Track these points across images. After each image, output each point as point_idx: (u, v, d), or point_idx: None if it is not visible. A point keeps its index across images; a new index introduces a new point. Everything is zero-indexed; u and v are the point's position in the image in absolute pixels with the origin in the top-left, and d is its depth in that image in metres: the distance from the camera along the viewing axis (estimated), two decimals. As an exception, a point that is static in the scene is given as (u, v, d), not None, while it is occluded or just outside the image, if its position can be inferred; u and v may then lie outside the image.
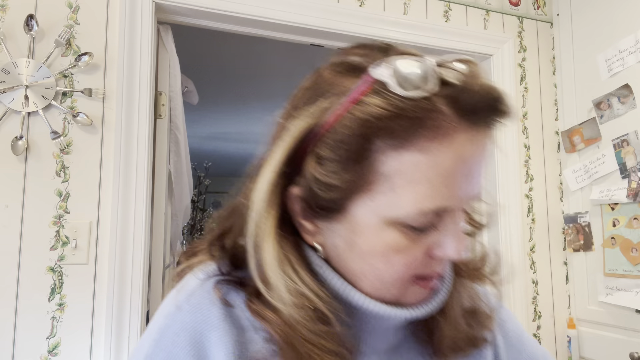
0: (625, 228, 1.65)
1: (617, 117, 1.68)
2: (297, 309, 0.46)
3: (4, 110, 1.27)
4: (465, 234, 0.48)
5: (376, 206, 0.44)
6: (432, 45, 1.77)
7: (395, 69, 0.42)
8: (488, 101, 0.43)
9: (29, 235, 1.27)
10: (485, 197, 0.54)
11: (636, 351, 1.58)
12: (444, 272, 0.52)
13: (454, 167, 0.43)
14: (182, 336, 0.47)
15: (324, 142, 0.44)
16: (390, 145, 0.42)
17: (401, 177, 0.43)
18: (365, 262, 0.47)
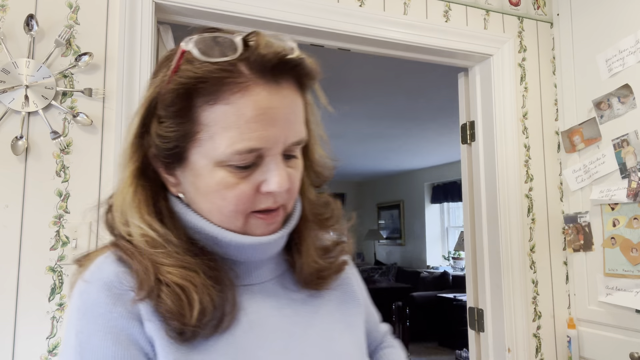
0: (625, 228, 1.65)
1: (617, 117, 1.68)
2: (140, 237, 0.58)
3: (4, 110, 1.27)
4: (287, 174, 0.58)
5: (205, 151, 0.56)
6: (432, 45, 1.77)
7: (198, 41, 0.55)
8: (274, 60, 0.55)
9: (29, 235, 1.27)
10: (323, 153, 0.70)
11: (636, 351, 1.58)
12: (284, 209, 0.62)
13: (255, 114, 0.55)
14: (102, 295, 0.55)
15: (161, 105, 0.57)
16: (206, 101, 0.55)
17: (216, 126, 0.55)
18: (208, 200, 0.58)
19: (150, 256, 0.57)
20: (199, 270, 0.57)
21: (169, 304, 0.54)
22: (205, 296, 0.55)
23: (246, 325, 0.60)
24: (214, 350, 0.56)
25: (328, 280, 0.69)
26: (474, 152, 1.96)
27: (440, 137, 5.61)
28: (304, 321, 0.65)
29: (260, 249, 0.61)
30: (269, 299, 0.64)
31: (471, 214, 1.95)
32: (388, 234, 8.83)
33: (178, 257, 0.57)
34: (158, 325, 0.54)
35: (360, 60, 3.12)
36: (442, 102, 4.10)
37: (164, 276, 0.55)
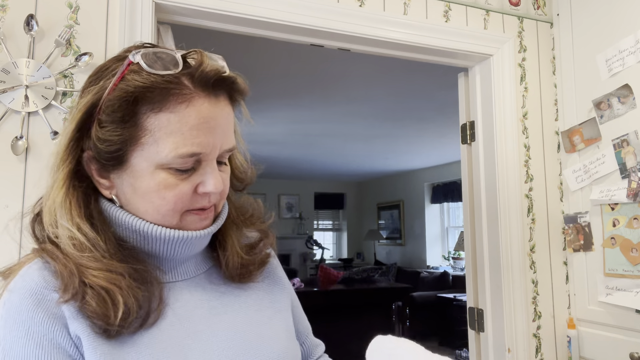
0: (625, 228, 1.65)
1: (617, 117, 1.68)
2: (67, 239, 0.60)
3: (4, 110, 1.27)
4: (221, 177, 0.64)
5: (147, 155, 0.61)
6: (432, 45, 1.77)
7: (147, 54, 0.61)
8: (213, 77, 0.62)
9: (29, 235, 1.27)
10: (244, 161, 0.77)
11: (636, 351, 1.58)
12: (215, 209, 0.68)
13: (197, 122, 0.61)
14: (24, 303, 0.58)
15: (103, 111, 0.61)
16: (150, 108, 0.60)
17: (160, 131, 0.60)
18: (145, 200, 0.63)
19: (75, 260, 0.60)
20: (125, 273, 0.60)
21: (93, 305, 0.57)
22: (129, 298, 0.59)
23: (173, 319, 0.64)
24: (140, 343, 0.60)
25: (254, 272, 0.75)
26: (474, 152, 1.96)
27: (440, 137, 5.61)
28: (231, 310, 0.70)
29: (190, 244, 0.66)
30: (196, 293, 0.69)
31: (471, 214, 1.95)
32: (388, 234, 8.83)
33: (104, 261, 0.60)
34: (84, 323, 0.57)
35: (360, 60, 3.12)
36: (442, 102, 4.10)
37: (89, 279, 0.58)
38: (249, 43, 2.16)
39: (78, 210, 0.63)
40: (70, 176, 0.64)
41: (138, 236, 0.64)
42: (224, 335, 0.66)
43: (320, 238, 9.57)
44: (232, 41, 1.94)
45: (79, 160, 0.64)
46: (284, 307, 0.78)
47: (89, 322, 0.57)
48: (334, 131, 5.38)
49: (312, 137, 5.68)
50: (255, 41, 1.77)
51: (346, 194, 9.99)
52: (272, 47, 2.83)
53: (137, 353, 0.59)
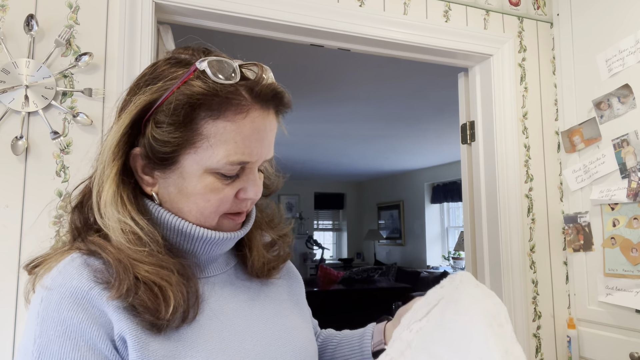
0: (625, 228, 1.65)
1: (617, 117, 1.68)
2: (122, 234, 0.61)
3: (4, 110, 1.27)
4: (260, 185, 0.69)
5: (199, 158, 0.63)
6: (432, 45, 1.77)
7: (213, 63, 0.63)
8: (271, 93, 0.66)
9: (29, 235, 1.27)
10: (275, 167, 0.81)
11: (636, 351, 1.58)
12: (249, 212, 0.73)
13: (250, 133, 0.64)
14: (65, 302, 0.57)
15: (161, 111, 0.63)
16: (209, 115, 0.62)
17: (216, 138, 0.63)
18: (190, 201, 0.65)
19: (129, 254, 0.61)
20: (175, 269, 0.62)
21: (145, 300, 0.58)
22: (178, 294, 0.61)
23: (210, 313, 0.66)
24: (185, 339, 0.61)
25: (274, 271, 0.79)
26: (474, 152, 1.96)
27: (440, 137, 5.61)
28: (258, 304, 0.74)
29: (225, 244, 0.70)
30: (226, 288, 0.72)
31: (471, 214, 1.95)
32: (388, 234, 8.83)
33: (159, 256, 0.62)
34: (132, 321, 0.58)
35: (361, 60, 3.12)
36: (442, 102, 4.10)
37: (140, 274, 0.60)
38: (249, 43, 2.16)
39: (131, 205, 0.64)
40: (122, 171, 0.65)
41: (179, 236, 0.67)
42: (255, 327, 0.70)
43: (320, 238, 9.57)
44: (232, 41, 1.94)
45: (127, 155, 0.66)
46: (301, 299, 0.84)
47: (139, 318, 0.58)
48: (334, 131, 5.38)
49: (312, 137, 5.68)
50: (255, 41, 1.77)
51: (346, 194, 9.99)
52: (272, 47, 2.83)
53: (183, 347, 0.60)
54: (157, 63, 0.69)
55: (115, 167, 0.64)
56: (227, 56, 0.68)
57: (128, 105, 0.66)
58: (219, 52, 0.69)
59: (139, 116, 0.64)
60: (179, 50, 0.70)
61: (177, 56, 0.68)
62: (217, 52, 0.69)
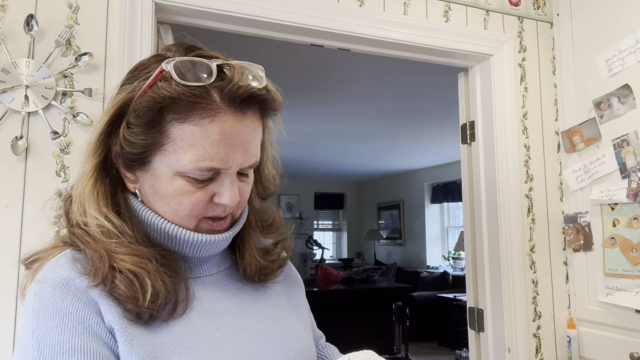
0: (625, 228, 1.65)
1: (617, 117, 1.68)
2: (96, 227, 0.62)
3: (4, 110, 1.27)
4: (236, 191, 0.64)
5: (168, 161, 0.62)
6: (432, 45, 1.77)
7: (178, 64, 0.60)
8: (244, 94, 0.61)
9: (29, 235, 1.27)
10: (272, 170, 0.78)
11: (636, 351, 1.58)
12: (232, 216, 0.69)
13: (220, 138, 0.61)
14: (57, 293, 0.58)
15: (132, 112, 0.62)
16: (175, 118, 0.60)
17: (182, 142, 0.61)
18: (165, 202, 0.64)
19: (104, 245, 0.61)
20: (152, 258, 0.62)
21: (122, 288, 0.59)
22: (157, 281, 0.60)
23: (201, 311, 0.66)
24: (174, 333, 0.61)
25: (270, 276, 0.77)
26: (474, 152, 1.96)
27: (440, 137, 5.61)
28: (253, 305, 0.72)
29: (208, 247, 0.68)
30: (219, 288, 0.71)
31: (471, 214, 1.95)
32: (388, 234, 8.83)
33: (132, 246, 0.62)
34: (116, 311, 0.58)
35: (361, 60, 3.12)
36: (442, 102, 4.10)
37: (117, 264, 0.60)
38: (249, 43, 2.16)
39: (105, 200, 0.64)
40: (99, 168, 0.65)
41: (159, 234, 0.66)
42: (247, 330, 0.68)
43: (320, 238, 9.57)
44: (231, 41, 1.94)
45: (108, 153, 0.66)
46: (300, 304, 0.82)
47: (121, 308, 0.59)
48: (334, 131, 5.38)
49: (312, 137, 5.68)
50: (255, 41, 1.77)
51: (346, 194, 9.99)
52: (272, 47, 2.83)
53: (172, 344, 0.60)
54: (144, 60, 0.68)
55: (91, 163, 0.65)
56: (221, 55, 0.66)
57: (110, 104, 0.67)
58: (205, 51, 0.66)
59: (116, 115, 0.64)
60: (166, 47, 0.69)
61: (160, 54, 0.67)
62: (203, 50, 0.66)
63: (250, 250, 0.75)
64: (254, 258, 0.75)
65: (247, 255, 0.74)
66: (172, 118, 0.61)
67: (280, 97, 0.68)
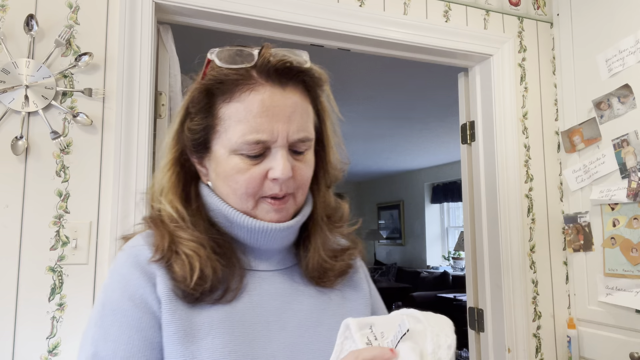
0: (625, 228, 1.65)
1: (617, 117, 1.68)
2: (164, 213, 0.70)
3: (4, 110, 1.27)
4: (288, 165, 0.66)
5: (222, 141, 0.67)
6: (432, 45, 1.77)
7: (221, 52, 0.68)
8: (280, 68, 0.67)
9: (29, 235, 1.27)
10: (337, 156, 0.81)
11: (636, 351, 1.58)
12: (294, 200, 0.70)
13: (260, 110, 0.65)
14: (128, 261, 0.67)
15: (191, 103, 0.70)
16: (223, 99, 0.67)
17: (230, 120, 0.66)
18: (225, 183, 0.68)
19: (169, 228, 0.68)
20: (207, 245, 0.67)
21: (175, 268, 0.64)
22: (207, 267, 0.64)
23: (248, 303, 0.68)
24: (214, 317, 0.64)
25: (332, 279, 0.75)
26: (474, 152, 1.96)
27: (440, 137, 5.61)
28: (305, 310, 0.71)
29: (268, 235, 0.69)
30: (274, 286, 0.71)
31: (471, 214, 1.95)
32: (388, 234, 8.82)
33: (189, 231, 0.67)
34: (169, 286, 0.64)
35: (360, 60, 3.12)
36: (442, 102, 4.10)
37: (177, 247, 0.66)
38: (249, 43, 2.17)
39: (174, 191, 0.71)
40: (174, 163, 0.72)
41: (223, 219, 0.70)
42: (291, 332, 0.68)
43: (320, 238, 9.54)
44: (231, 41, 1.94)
45: (183, 150, 0.72)
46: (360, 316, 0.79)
47: (172, 284, 0.64)
48: (334, 131, 5.37)
49: (312, 137, 5.67)
50: (254, 41, 1.77)
51: (346, 194, 9.98)
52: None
53: (210, 326, 0.63)
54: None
55: (167, 158, 0.73)
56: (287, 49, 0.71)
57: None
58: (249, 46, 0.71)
59: (185, 112, 0.71)
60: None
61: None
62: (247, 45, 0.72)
63: (316, 246, 0.75)
64: (318, 255, 0.74)
65: (311, 250, 0.74)
66: (220, 100, 0.67)
67: (323, 74, 0.72)
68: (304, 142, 0.68)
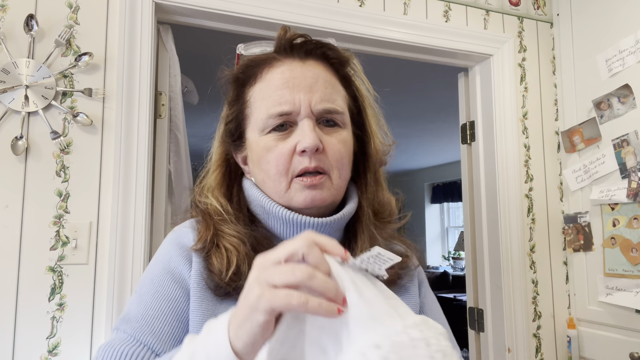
0: (625, 228, 1.65)
1: (617, 117, 1.68)
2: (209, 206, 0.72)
3: (4, 110, 1.27)
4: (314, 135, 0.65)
5: (253, 125, 0.69)
6: (432, 45, 1.77)
7: (248, 44, 0.73)
8: (290, 41, 0.70)
9: (29, 235, 1.27)
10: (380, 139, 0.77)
11: (636, 351, 1.58)
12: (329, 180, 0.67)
13: (280, 83, 0.67)
14: (174, 241, 0.71)
15: (227, 98, 0.74)
16: (250, 83, 0.71)
17: (256, 101, 0.69)
18: (259, 168, 0.69)
19: (213, 221, 0.70)
20: (247, 241, 0.68)
21: (214, 261, 0.66)
22: (244, 264, 0.65)
23: None
24: None
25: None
26: (474, 152, 1.96)
27: (440, 137, 5.61)
28: None
29: (304, 228, 0.68)
30: None
31: (471, 214, 1.95)
32: (388, 234, 8.80)
33: (232, 226, 0.69)
34: (202, 273, 0.66)
35: (360, 60, 3.12)
36: (442, 102, 4.10)
37: (218, 239, 0.68)
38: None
39: (219, 188, 0.74)
40: (220, 163, 0.76)
41: (261, 211, 0.71)
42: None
43: (320, 238, 9.54)
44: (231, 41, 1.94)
45: (229, 150, 0.75)
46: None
47: (207, 274, 0.66)
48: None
49: (312, 137, 5.67)
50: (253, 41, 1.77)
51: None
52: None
53: None
54: None
55: (214, 158, 0.76)
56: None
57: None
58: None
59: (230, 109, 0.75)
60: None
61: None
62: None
63: (363, 249, 0.70)
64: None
65: (357, 252, 0.70)
66: (248, 85, 0.71)
67: (345, 53, 0.73)
68: (331, 114, 0.68)
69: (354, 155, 0.74)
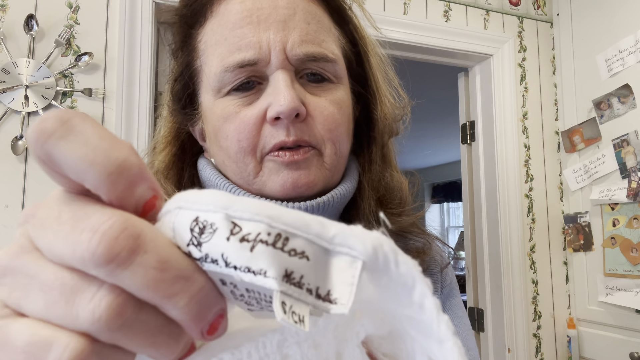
0: (625, 228, 1.65)
1: (617, 117, 1.68)
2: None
3: (4, 110, 1.27)
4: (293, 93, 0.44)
5: (205, 84, 0.48)
6: (432, 45, 1.77)
7: None
8: None
9: (29, 235, 1.27)
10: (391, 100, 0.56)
11: (636, 351, 1.58)
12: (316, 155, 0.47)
13: (239, 18, 0.45)
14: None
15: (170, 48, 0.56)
16: (199, 24, 0.49)
17: (207, 47, 0.48)
18: (217, 145, 0.48)
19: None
20: None
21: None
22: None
23: None
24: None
25: None
26: (474, 152, 1.96)
27: (440, 137, 5.61)
28: None
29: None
30: None
31: (471, 214, 1.95)
32: (388, 234, 8.81)
33: None
34: None
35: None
36: (442, 102, 4.10)
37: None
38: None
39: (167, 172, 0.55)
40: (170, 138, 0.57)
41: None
42: None
43: (320, 238, 9.55)
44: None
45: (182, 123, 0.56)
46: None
47: None
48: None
49: (312, 137, 5.67)
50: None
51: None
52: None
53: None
54: None
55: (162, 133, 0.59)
56: None
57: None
58: None
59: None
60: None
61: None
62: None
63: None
64: None
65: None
66: (196, 27, 0.50)
67: None
68: (317, 61, 0.46)
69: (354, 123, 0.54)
